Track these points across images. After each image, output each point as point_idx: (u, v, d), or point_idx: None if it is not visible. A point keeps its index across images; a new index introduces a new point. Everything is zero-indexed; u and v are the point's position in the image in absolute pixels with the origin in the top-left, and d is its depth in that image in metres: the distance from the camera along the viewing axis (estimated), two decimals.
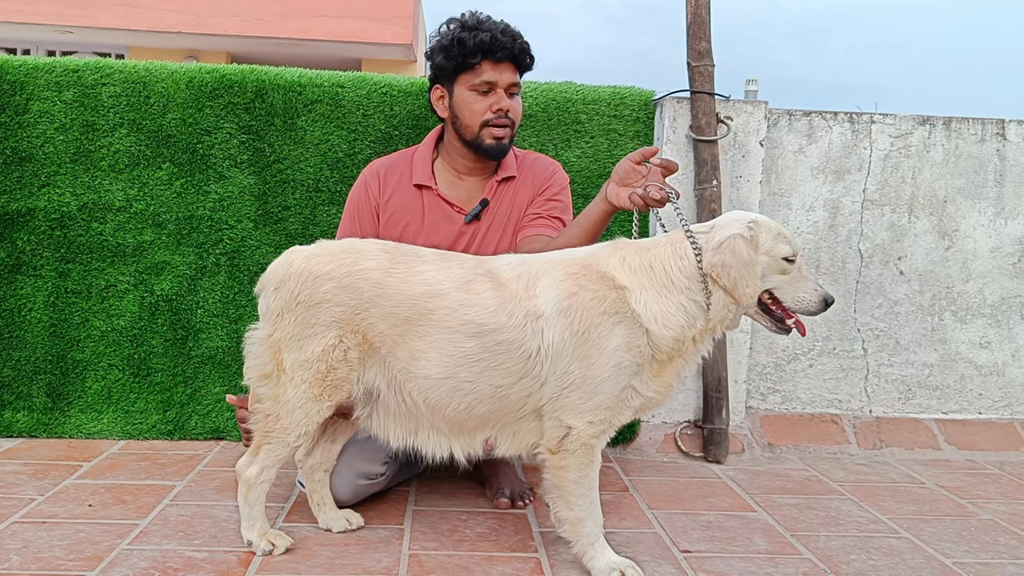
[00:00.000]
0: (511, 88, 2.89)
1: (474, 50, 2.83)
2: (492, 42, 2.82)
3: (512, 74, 2.89)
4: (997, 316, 3.99)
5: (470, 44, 2.82)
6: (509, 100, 2.89)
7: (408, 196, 2.97)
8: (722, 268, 2.27)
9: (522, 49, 2.88)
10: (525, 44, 2.89)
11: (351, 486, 2.77)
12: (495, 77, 2.86)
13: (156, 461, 3.32)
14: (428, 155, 3.01)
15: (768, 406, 3.92)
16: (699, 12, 3.65)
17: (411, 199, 2.97)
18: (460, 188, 2.99)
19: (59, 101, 3.55)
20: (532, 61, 2.94)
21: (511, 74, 2.89)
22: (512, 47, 2.84)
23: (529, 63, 2.93)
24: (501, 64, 2.86)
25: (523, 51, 2.88)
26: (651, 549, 2.63)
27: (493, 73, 2.86)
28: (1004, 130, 3.97)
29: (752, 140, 3.75)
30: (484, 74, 2.86)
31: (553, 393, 2.30)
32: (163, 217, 3.60)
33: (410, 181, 2.98)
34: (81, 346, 3.60)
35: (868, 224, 3.92)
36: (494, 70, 2.86)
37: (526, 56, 2.90)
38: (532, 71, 3.03)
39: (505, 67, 2.87)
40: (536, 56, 2.96)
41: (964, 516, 3.06)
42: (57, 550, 2.44)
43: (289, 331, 2.35)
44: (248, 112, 3.61)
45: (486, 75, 2.86)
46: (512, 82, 2.89)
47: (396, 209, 2.97)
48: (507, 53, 2.84)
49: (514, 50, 2.85)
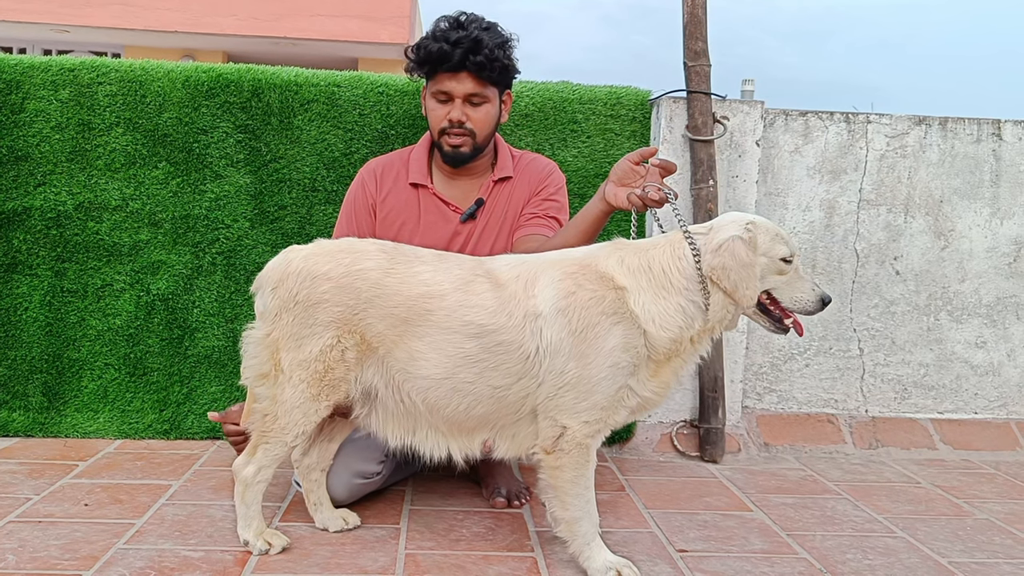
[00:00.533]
0: (471, 98, 2.85)
1: (424, 60, 2.84)
2: (439, 54, 2.79)
3: (473, 84, 2.83)
4: (993, 316, 4.00)
5: (421, 55, 2.84)
6: (471, 109, 2.86)
7: (404, 195, 2.97)
8: (722, 270, 2.28)
9: (476, 63, 2.78)
10: (483, 56, 2.79)
11: (347, 485, 2.77)
12: (451, 87, 2.84)
13: (152, 460, 3.32)
14: (424, 154, 3.01)
15: (764, 406, 3.92)
16: (695, 12, 3.66)
17: (407, 198, 2.97)
18: (455, 188, 2.99)
19: (55, 100, 3.55)
20: (497, 72, 2.85)
21: (471, 84, 2.83)
22: (462, 59, 2.78)
23: (496, 75, 2.84)
24: (459, 74, 2.82)
25: (478, 64, 2.79)
26: (647, 548, 2.63)
27: (449, 83, 2.84)
28: (1000, 130, 3.97)
29: (748, 140, 3.76)
30: (441, 83, 2.86)
31: (549, 392, 2.30)
32: (159, 216, 3.59)
33: (406, 180, 2.98)
34: (77, 345, 3.59)
35: (864, 224, 3.92)
36: (451, 80, 2.84)
37: (485, 68, 2.80)
38: (521, 75, 3.00)
39: (463, 77, 2.82)
40: (520, 61, 2.93)
41: (960, 516, 3.06)
42: (53, 549, 2.44)
43: (287, 331, 2.35)
44: (244, 111, 3.61)
45: (442, 84, 2.86)
46: (471, 92, 2.84)
47: (392, 208, 2.97)
48: (456, 65, 2.79)
49: (464, 62, 2.79)
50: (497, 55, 2.82)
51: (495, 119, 2.94)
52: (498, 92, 2.94)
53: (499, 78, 2.88)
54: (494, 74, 2.85)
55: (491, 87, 2.88)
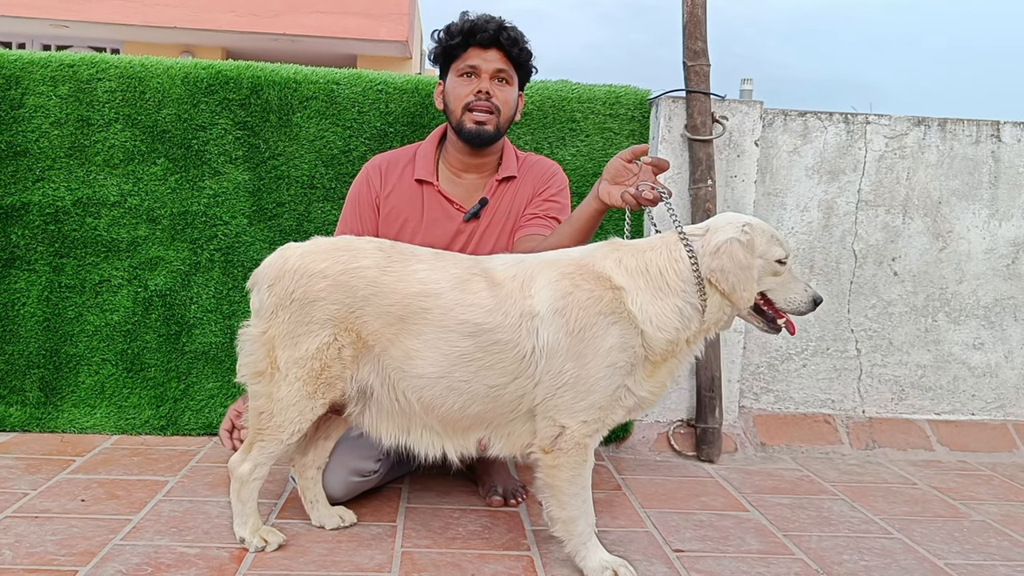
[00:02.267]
0: (498, 73, 2.90)
1: (456, 33, 2.89)
2: (473, 26, 2.87)
3: (499, 60, 2.89)
4: (990, 317, 4.00)
5: (454, 28, 2.90)
6: (496, 87, 2.90)
7: (408, 191, 2.97)
8: (720, 273, 2.28)
9: (509, 38, 2.87)
10: (514, 33, 2.89)
11: (344, 483, 2.77)
12: (478, 61, 2.89)
13: (149, 456, 3.32)
14: (431, 152, 3.01)
15: (761, 406, 3.93)
16: (695, 12, 3.65)
17: (411, 194, 2.97)
18: (460, 186, 2.99)
19: (54, 96, 3.54)
20: (524, 54, 2.93)
21: (497, 60, 2.89)
22: (496, 33, 2.85)
23: (519, 54, 2.91)
24: (487, 50, 2.88)
25: (510, 39, 2.88)
26: (644, 548, 2.63)
27: (477, 58, 2.89)
28: (999, 132, 3.97)
29: (747, 140, 3.76)
30: (468, 59, 2.90)
31: (547, 392, 2.30)
32: (157, 212, 3.59)
33: (412, 176, 2.98)
34: (74, 341, 3.59)
35: (862, 225, 3.92)
36: (479, 55, 2.89)
37: (514, 46, 2.89)
38: (536, 73, 3.04)
39: (491, 53, 2.89)
40: (535, 54, 2.97)
41: (956, 517, 3.07)
42: (49, 545, 2.44)
43: (283, 328, 2.35)
44: (243, 108, 3.60)
45: (470, 59, 2.90)
46: (498, 68, 2.89)
47: (396, 204, 2.96)
48: (488, 37, 2.86)
49: (498, 36, 2.86)
50: (525, 39, 2.93)
51: (514, 107, 2.98)
52: (518, 83, 2.98)
53: (523, 62, 2.95)
54: (522, 56, 2.93)
55: (514, 71, 2.94)
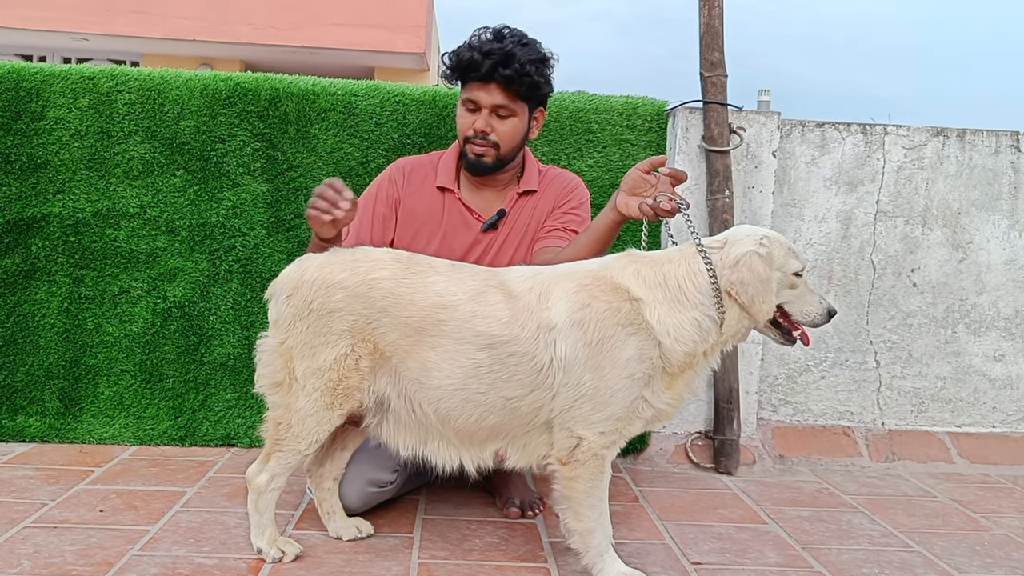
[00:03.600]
0: (498, 109, 2.84)
1: (454, 68, 2.86)
2: (469, 63, 2.80)
3: (499, 96, 2.82)
4: (1011, 329, 3.97)
5: (453, 61, 2.86)
6: (497, 121, 2.85)
7: (429, 197, 2.97)
8: (740, 286, 2.27)
9: (505, 76, 2.77)
10: (513, 69, 2.77)
11: (361, 494, 2.77)
12: (479, 96, 2.84)
13: (167, 467, 3.33)
14: (453, 160, 3.01)
15: (780, 417, 3.90)
16: (712, 22, 3.65)
17: (432, 200, 2.97)
18: (481, 197, 2.99)
19: (75, 108, 3.58)
20: (527, 87, 2.82)
21: (498, 95, 2.82)
22: (491, 70, 2.77)
23: (518, 89, 2.82)
24: (488, 84, 2.82)
25: (506, 78, 2.78)
26: (661, 561, 2.62)
27: (478, 92, 2.84)
28: (1019, 142, 3.95)
29: (765, 151, 3.75)
30: (470, 92, 2.86)
31: (564, 404, 2.29)
32: (176, 224, 3.61)
33: (434, 183, 2.97)
34: (94, 352, 3.61)
35: (881, 236, 3.90)
36: (480, 90, 2.84)
37: (512, 83, 2.79)
38: (552, 90, 2.95)
39: (492, 88, 2.82)
40: (548, 77, 2.88)
41: (977, 530, 3.04)
42: (68, 555, 2.45)
43: (301, 339, 2.35)
44: (262, 120, 3.62)
45: (471, 93, 2.86)
46: (498, 104, 2.83)
47: (415, 208, 2.96)
48: (485, 76, 2.79)
49: (493, 74, 2.78)
50: (528, 71, 2.80)
51: (522, 134, 2.92)
52: (528, 108, 2.91)
53: (528, 93, 2.86)
54: (523, 88, 2.83)
55: (520, 102, 2.86)
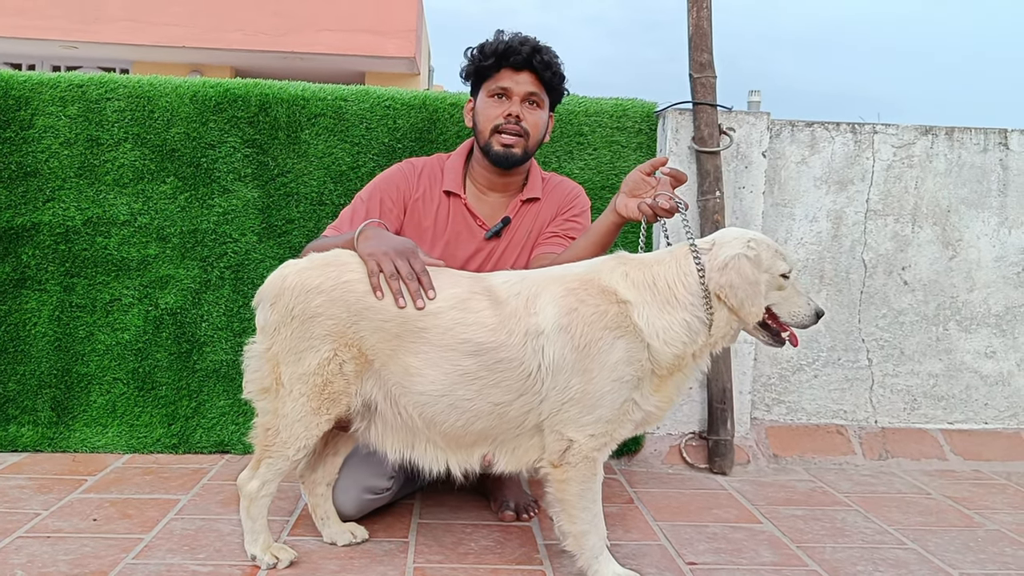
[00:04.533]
0: (529, 97, 2.88)
1: (490, 54, 2.87)
2: (507, 48, 2.85)
3: (531, 84, 2.87)
4: (1002, 326, 3.98)
5: (488, 49, 2.88)
6: (527, 110, 2.88)
7: (435, 201, 2.96)
8: (729, 288, 2.28)
9: (543, 61, 2.85)
10: (547, 57, 2.86)
11: (356, 500, 2.76)
12: (510, 84, 2.87)
13: (161, 475, 3.32)
14: (460, 164, 3.01)
15: (773, 417, 3.91)
16: (700, 24, 3.67)
17: (438, 205, 2.96)
18: (485, 204, 2.98)
19: (64, 116, 3.57)
20: (556, 77, 2.91)
21: (529, 84, 2.87)
22: (529, 56, 2.83)
23: (551, 78, 2.89)
24: (519, 73, 2.86)
25: (543, 63, 2.85)
26: (656, 561, 2.62)
27: (510, 80, 2.87)
28: (1007, 140, 3.97)
29: (755, 151, 3.76)
30: (500, 80, 2.88)
31: (553, 408, 2.30)
32: (167, 231, 3.61)
33: (440, 187, 2.97)
34: (86, 360, 3.60)
35: (871, 234, 3.91)
36: (511, 78, 2.87)
37: (547, 69, 2.86)
38: (567, 95, 3.02)
39: (523, 76, 2.86)
40: (567, 77, 2.96)
41: (971, 527, 3.05)
42: (62, 564, 2.44)
43: (286, 345, 2.35)
44: (252, 126, 3.62)
45: (502, 81, 2.88)
46: (530, 91, 2.87)
47: (421, 211, 2.95)
48: (522, 60, 2.84)
49: (531, 59, 2.84)
50: (558, 62, 2.91)
51: (544, 129, 2.97)
52: (548, 106, 2.96)
53: (556, 85, 2.93)
54: (554, 79, 2.90)
55: (546, 94, 2.93)
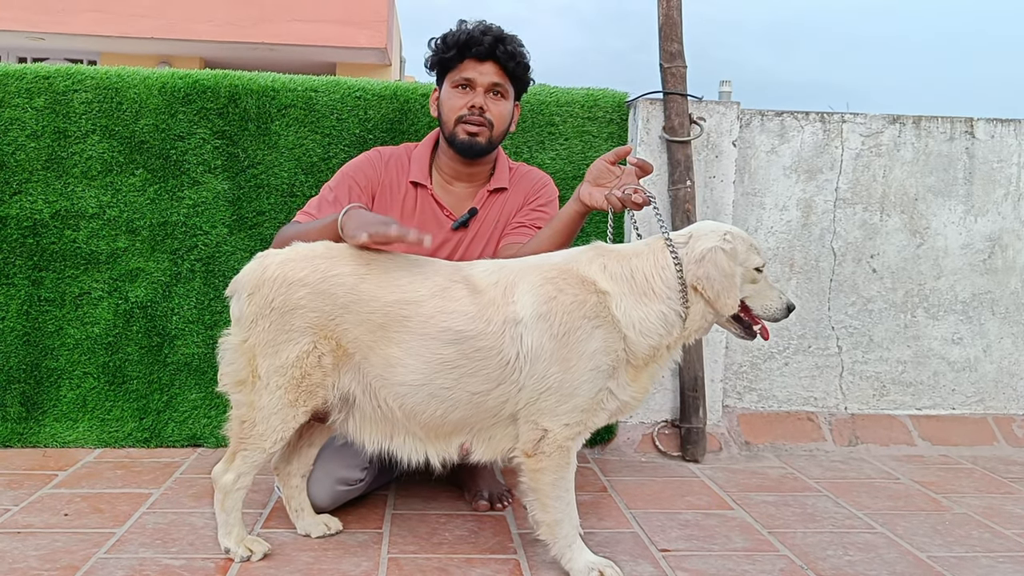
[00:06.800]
0: (494, 87, 2.88)
1: (452, 45, 2.86)
2: (469, 39, 2.83)
3: (494, 74, 2.86)
4: (968, 312, 4.04)
5: (450, 40, 2.87)
6: (491, 101, 2.88)
7: (402, 191, 2.95)
8: (706, 281, 2.30)
9: (505, 51, 2.84)
10: (511, 47, 2.85)
11: (330, 492, 2.76)
12: (473, 75, 2.86)
13: (132, 469, 3.30)
14: (426, 154, 3.00)
15: (745, 404, 3.95)
16: (671, 14, 3.68)
17: (404, 195, 2.95)
18: (452, 194, 2.98)
19: (30, 108, 3.53)
20: (520, 67, 2.89)
21: (493, 74, 2.86)
22: (492, 46, 2.82)
23: (515, 68, 2.88)
24: (483, 63, 2.85)
25: (507, 53, 2.84)
26: (630, 549, 2.64)
27: (474, 71, 2.86)
28: (973, 128, 4.01)
29: (725, 140, 3.78)
30: (464, 71, 2.87)
31: (531, 397, 2.30)
32: (137, 223, 3.58)
33: (407, 176, 2.96)
34: (55, 354, 3.57)
35: (841, 223, 3.95)
36: (474, 68, 2.86)
37: (511, 59, 2.85)
38: (532, 84, 3.02)
39: (487, 66, 2.85)
40: (532, 66, 2.95)
41: (939, 511, 3.09)
42: (32, 560, 2.42)
43: (263, 337, 2.34)
44: (222, 117, 3.59)
45: (465, 72, 2.87)
46: (493, 82, 2.86)
47: (387, 201, 2.94)
48: (485, 50, 2.82)
49: (494, 49, 2.83)
50: (523, 52, 2.90)
51: (509, 119, 2.96)
52: (513, 96, 2.96)
53: (520, 74, 2.92)
54: (518, 69, 2.89)
55: (511, 84, 2.92)
